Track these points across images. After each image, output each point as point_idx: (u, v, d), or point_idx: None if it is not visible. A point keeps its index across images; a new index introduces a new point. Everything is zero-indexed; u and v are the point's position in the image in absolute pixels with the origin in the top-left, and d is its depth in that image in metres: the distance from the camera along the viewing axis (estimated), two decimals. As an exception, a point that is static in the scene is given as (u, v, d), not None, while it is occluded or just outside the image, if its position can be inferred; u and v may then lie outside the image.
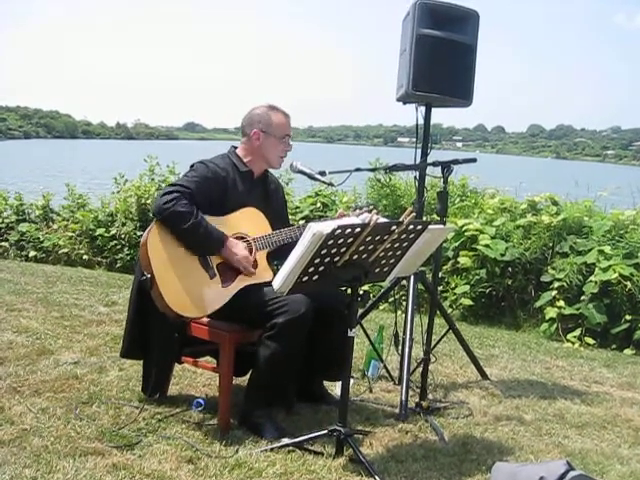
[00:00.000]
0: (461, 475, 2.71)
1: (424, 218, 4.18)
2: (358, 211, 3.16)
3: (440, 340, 4.05)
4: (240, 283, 3.05)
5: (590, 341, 5.35)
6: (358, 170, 3.53)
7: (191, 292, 2.94)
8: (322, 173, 3.28)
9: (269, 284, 2.78)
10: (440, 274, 6.08)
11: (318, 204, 7.55)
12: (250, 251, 3.08)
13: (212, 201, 3.05)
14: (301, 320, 2.90)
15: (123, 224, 8.08)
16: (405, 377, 3.44)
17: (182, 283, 2.93)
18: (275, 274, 2.73)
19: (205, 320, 3.08)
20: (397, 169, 3.70)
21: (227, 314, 3.01)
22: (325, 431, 2.78)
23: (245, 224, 3.12)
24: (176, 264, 2.94)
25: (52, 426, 2.83)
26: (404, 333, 3.68)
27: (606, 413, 3.59)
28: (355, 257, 2.67)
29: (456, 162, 3.49)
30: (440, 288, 6.12)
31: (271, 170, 3.36)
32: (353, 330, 2.75)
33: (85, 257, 8.20)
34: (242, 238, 3.10)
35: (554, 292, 5.70)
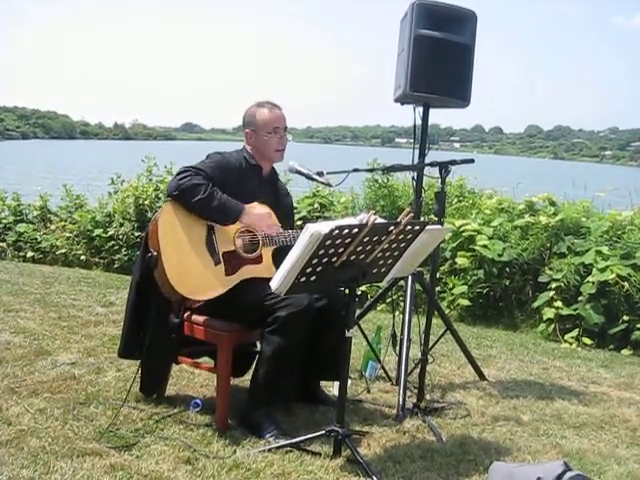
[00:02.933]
0: (459, 475, 2.71)
1: (422, 219, 4.18)
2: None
3: (438, 341, 4.05)
4: (243, 274, 3.06)
5: (587, 341, 5.35)
6: (356, 171, 3.53)
7: (194, 274, 2.97)
8: (320, 174, 3.29)
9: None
10: (438, 275, 6.09)
11: (316, 205, 7.54)
12: (258, 245, 3.11)
13: (225, 191, 3.07)
14: (304, 313, 2.91)
15: (121, 225, 8.07)
16: (403, 378, 3.44)
17: (187, 264, 2.96)
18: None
19: (203, 320, 3.08)
20: (395, 170, 3.71)
21: (227, 309, 3.01)
22: (323, 431, 2.78)
23: None
24: (183, 246, 2.98)
25: (50, 427, 2.82)
26: (402, 334, 3.68)
27: (603, 413, 3.59)
28: (353, 258, 2.67)
29: (454, 163, 3.49)
30: (438, 289, 6.12)
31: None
32: (351, 331, 2.76)
33: (83, 258, 8.19)
34: (250, 232, 3.11)
35: (552, 293, 5.70)
